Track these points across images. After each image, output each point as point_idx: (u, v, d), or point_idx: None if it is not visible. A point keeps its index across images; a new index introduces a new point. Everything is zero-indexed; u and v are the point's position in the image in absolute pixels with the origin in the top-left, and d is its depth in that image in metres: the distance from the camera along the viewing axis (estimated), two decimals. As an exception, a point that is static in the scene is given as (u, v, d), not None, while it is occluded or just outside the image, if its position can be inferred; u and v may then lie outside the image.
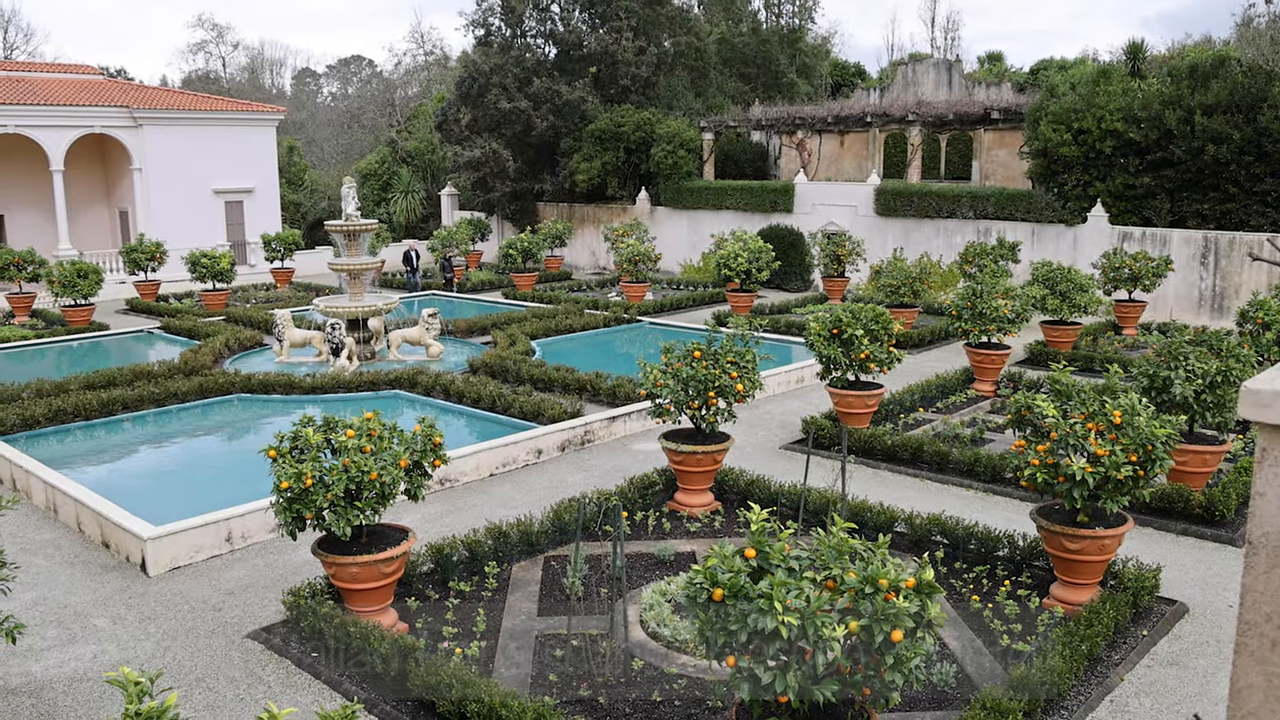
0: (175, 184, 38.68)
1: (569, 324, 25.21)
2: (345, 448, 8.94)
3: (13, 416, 16.38)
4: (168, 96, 41.29)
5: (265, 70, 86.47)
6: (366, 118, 69.79)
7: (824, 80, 51.53)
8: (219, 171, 39.98)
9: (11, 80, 38.55)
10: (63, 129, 36.50)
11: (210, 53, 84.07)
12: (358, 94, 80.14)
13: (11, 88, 37.23)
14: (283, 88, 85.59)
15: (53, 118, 36.19)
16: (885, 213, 32.64)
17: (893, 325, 15.61)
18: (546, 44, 43.52)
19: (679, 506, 12.61)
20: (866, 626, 5.92)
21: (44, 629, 9.84)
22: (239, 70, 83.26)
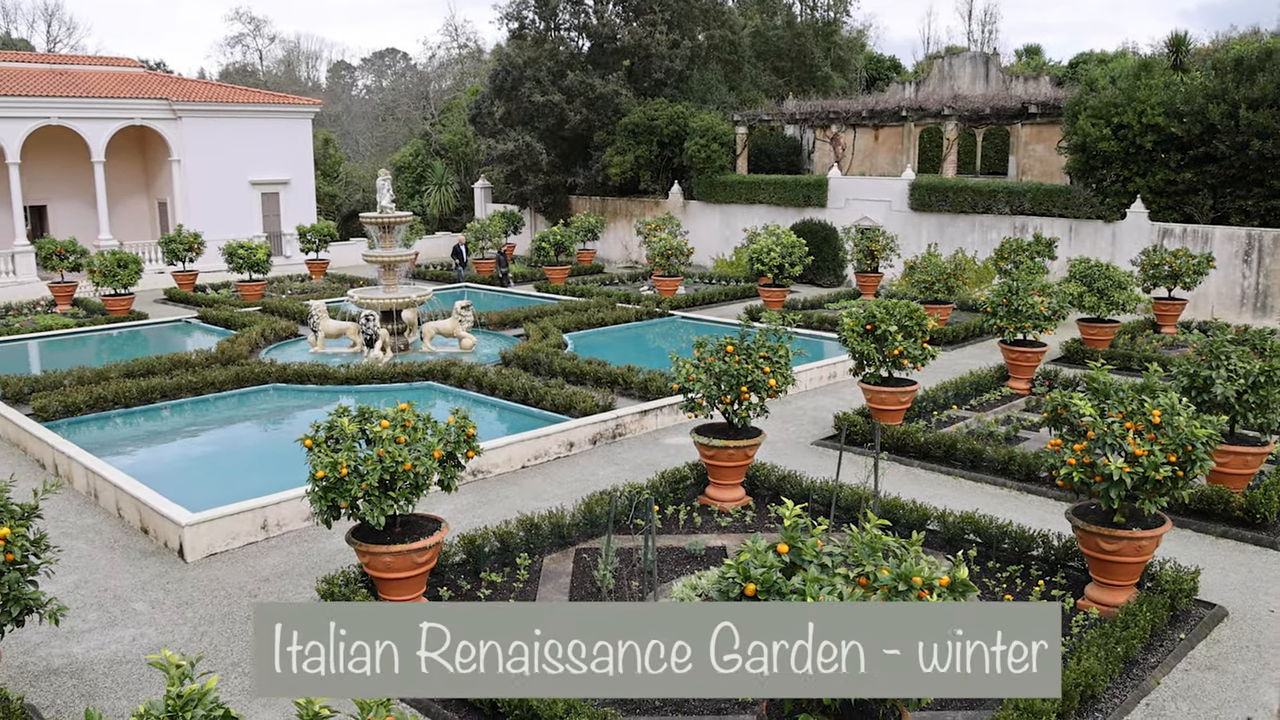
0: (213, 175, 39.05)
1: (601, 317, 25.24)
2: (380, 438, 9.02)
3: (55, 403, 16.64)
4: (206, 89, 41.69)
5: (301, 63, 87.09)
6: (401, 110, 70.18)
7: (859, 74, 51.22)
8: (255, 163, 40.33)
9: (54, 73, 39.06)
10: (104, 121, 36.95)
11: (247, 46, 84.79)
12: (392, 87, 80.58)
13: (54, 80, 37.72)
14: (318, 81, 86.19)
15: (94, 110, 36.64)
16: (920, 208, 32.42)
17: (927, 321, 15.51)
18: (580, 37, 43.52)
19: (710, 501, 12.61)
20: (899, 624, 5.90)
21: (85, 612, 10.01)
22: (275, 63, 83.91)
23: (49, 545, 7.48)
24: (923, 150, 42.55)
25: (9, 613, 7.13)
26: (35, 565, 7.33)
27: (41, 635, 9.49)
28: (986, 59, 42.48)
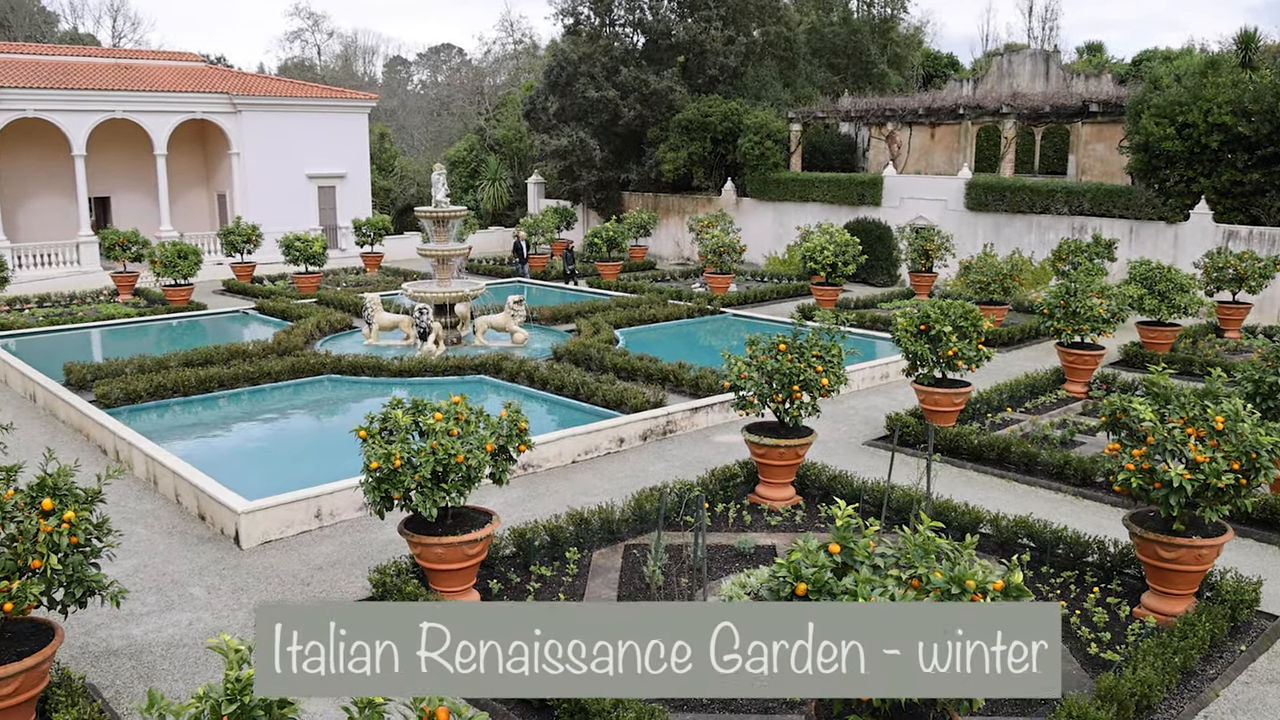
0: (271, 169, 39.63)
1: (652, 314, 25.25)
2: (433, 430, 9.09)
3: (116, 391, 17.00)
4: (265, 84, 42.30)
5: (358, 58, 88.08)
6: (455, 105, 70.71)
7: (915, 71, 50.70)
8: (313, 157, 40.86)
9: (119, 68, 39.87)
10: (166, 114, 37.64)
11: (306, 41, 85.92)
12: (447, 82, 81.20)
13: (119, 75, 38.50)
14: (374, 75, 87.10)
15: (157, 104, 37.34)
16: (976, 207, 32.03)
17: (982, 322, 15.33)
18: (635, 33, 43.54)
19: (760, 499, 12.57)
20: (952, 628, 5.83)
21: (144, 595, 10.21)
22: (333, 58, 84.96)
23: (111, 529, 7.63)
24: (980, 149, 42.01)
25: (72, 594, 7.29)
26: (98, 549, 7.49)
27: (102, 617, 9.71)
28: (1047, 56, 41.82)
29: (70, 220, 37.56)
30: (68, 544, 7.17)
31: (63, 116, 35.35)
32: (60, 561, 7.15)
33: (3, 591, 6.87)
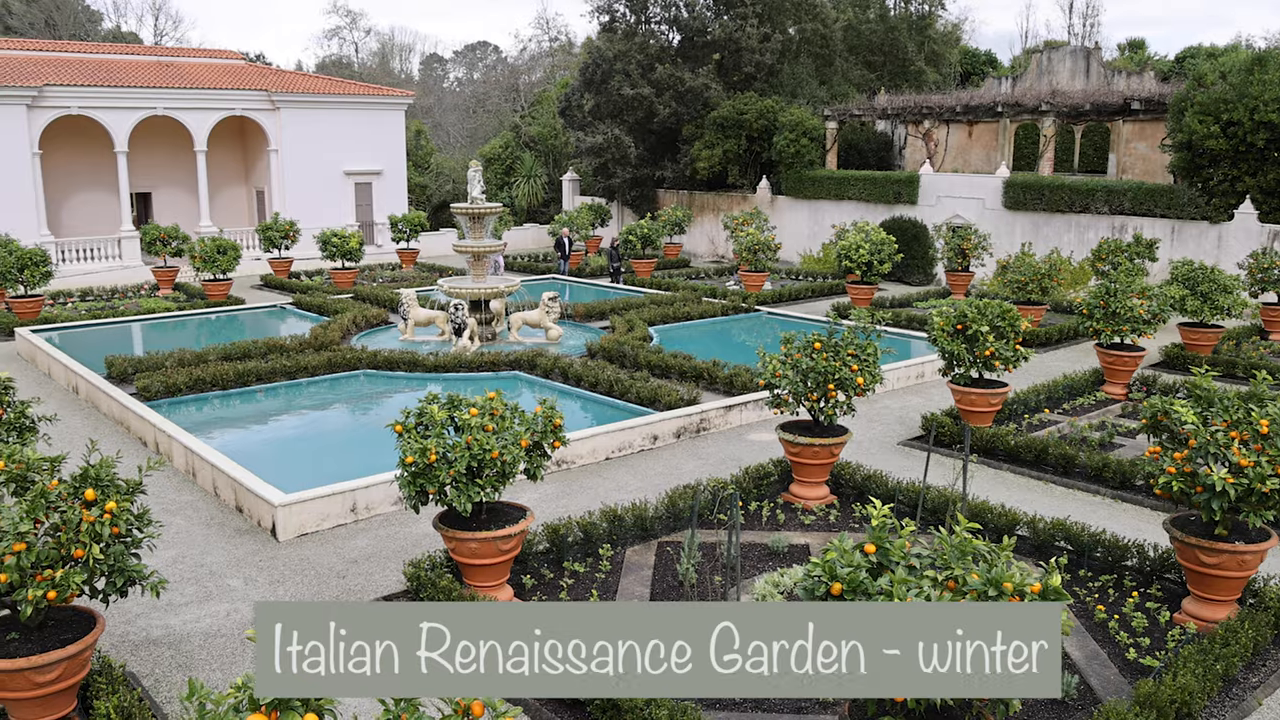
0: (309, 165, 39.95)
1: (687, 311, 25.23)
2: (468, 425, 9.13)
3: (157, 384, 17.21)
4: (303, 81, 42.64)
5: (395, 56, 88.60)
6: (491, 103, 70.97)
7: (953, 69, 50.29)
8: (350, 154, 41.14)
9: (161, 65, 40.33)
10: (206, 111, 38.04)
11: (343, 38, 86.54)
12: (483, 79, 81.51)
13: (161, 72, 38.95)
14: (411, 73, 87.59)
15: (197, 101, 37.75)
16: (1014, 206, 31.73)
17: (1020, 322, 15.18)
18: (670, 30, 43.50)
19: (794, 498, 12.53)
20: (989, 630, 5.78)
21: (183, 586, 10.34)
22: (370, 56, 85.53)
23: (151, 520, 7.72)
24: (1018, 147, 41.64)
25: (114, 583, 7.39)
26: (138, 539, 7.58)
27: (142, 606, 9.83)
28: (1087, 53, 41.35)
29: (112, 215, 38.06)
30: (109, 534, 7.27)
31: (106, 114, 35.82)
32: (102, 551, 7.25)
33: (46, 579, 6.98)
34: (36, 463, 7.83)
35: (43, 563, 6.99)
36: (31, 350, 21.75)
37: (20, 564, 6.87)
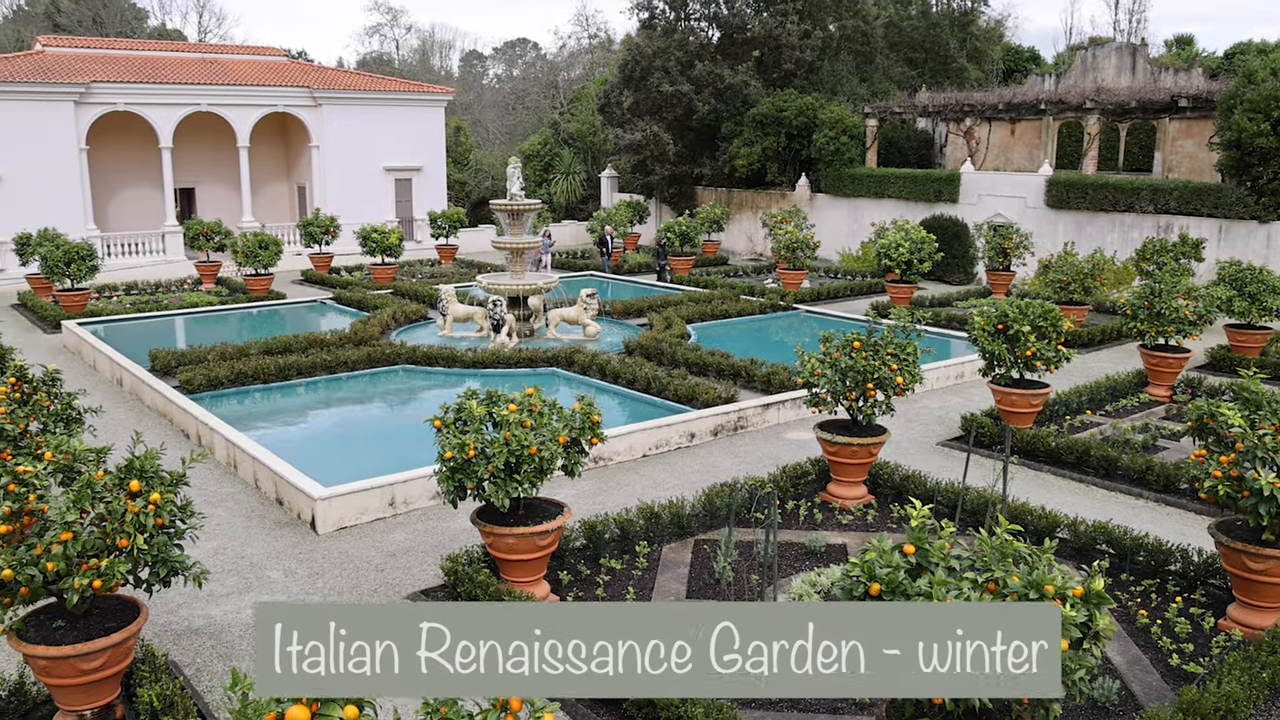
0: (349, 161, 40.28)
1: (725, 309, 25.18)
2: (507, 421, 9.16)
3: (199, 377, 17.43)
4: (345, 77, 42.99)
5: (435, 52, 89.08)
6: (530, 99, 71.16)
7: (995, 66, 49.77)
8: (390, 150, 41.43)
9: (205, 62, 40.82)
10: (249, 108, 38.45)
11: (384, 35, 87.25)
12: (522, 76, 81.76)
13: (205, 69, 39.43)
14: (451, 69, 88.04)
15: (240, 97, 38.17)
16: (1056, 205, 31.36)
17: (1062, 322, 15.00)
18: (710, 27, 43.40)
19: (831, 498, 12.46)
20: (1030, 633, 5.72)
21: (224, 577, 10.46)
22: (410, 52, 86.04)
23: (194, 512, 7.82)
24: (1061, 145, 41.14)
25: (157, 573, 7.49)
26: (181, 530, 7.67)
27: (184, 596, 9.97)
28: (1133, 50, 40.79)
29: (157, 211, 38.59)
30: (153, 525, 7.36)
31: (151, 110, 36.31)
32: (146, 541, 7.35)
33: (92, 568, 7.08)
34: (83, 454, 7.94)
35: (89, 552, 7.10)
36: (78, 343, 22.11)
37: (67, 553, 6.98)
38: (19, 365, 10.75)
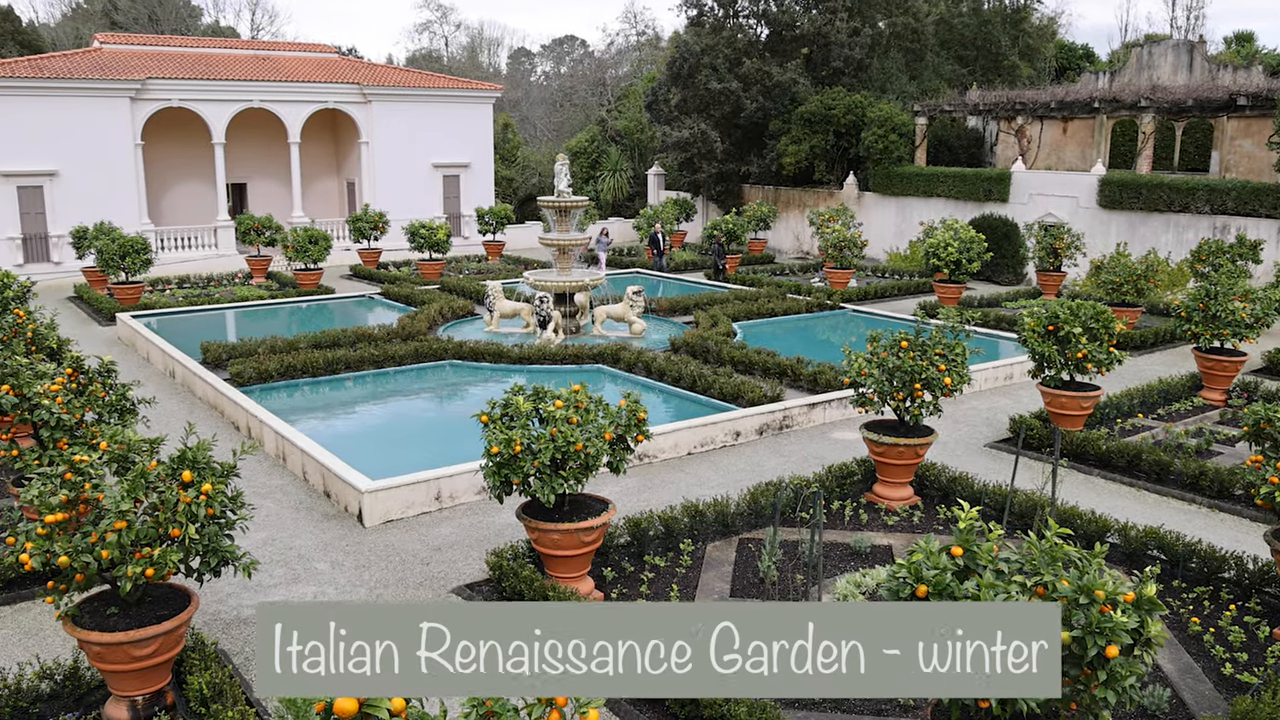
0: (398, 157, 40.63)
1: (771, 307, 25.08)
2: (553, 417, 9.19)
3: (250, 370, 17.68)
4: (394, 74, 43.35)
5: (483, 49, 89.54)
6: (578, 97, 71.31)
7: (1048, 63, 49.06)
8: (438, 146, 41.73)
9: (257, 59, 41.35)
10: (300, 104, 38.91)
11: (434, 32, 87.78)
12: (570, 73, 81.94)
13: (257, 66, 39.94)
14: (499, 66, 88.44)
15: (292, 93, 38.63)
16: (1109, 205, 30.88)
17: (1114, 324, 14.77)
18: (759, 24, 43.21)
19: (877, 498, 12.38)
20: (1079, 638, 5.65)
21: (272, 567, 10.60)
22: (459, 49, 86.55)
23: (244, 503, 7.92)
24: (1115, 145, 40.47)
25: (208, 563, 7.61)
26: (232, 521, 7.79)
27: (233, 586, 10.11)
28: (1190, 47, 40.04)
29: (209, 205, 39.17)
30: (205, 515, 7.48)
31: (205, 106, 36.86)
32: (198, 531, 7.46)
33: (145, 557, 7.21)
34: (137, 444, 8.09)
35: (142, 541, 7.22)
36: (131, 335, 22.50)
37: (121, 541, 7.11)
38: (75, 356, 10.97)
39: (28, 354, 13.31)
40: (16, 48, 55.51)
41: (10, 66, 33.99)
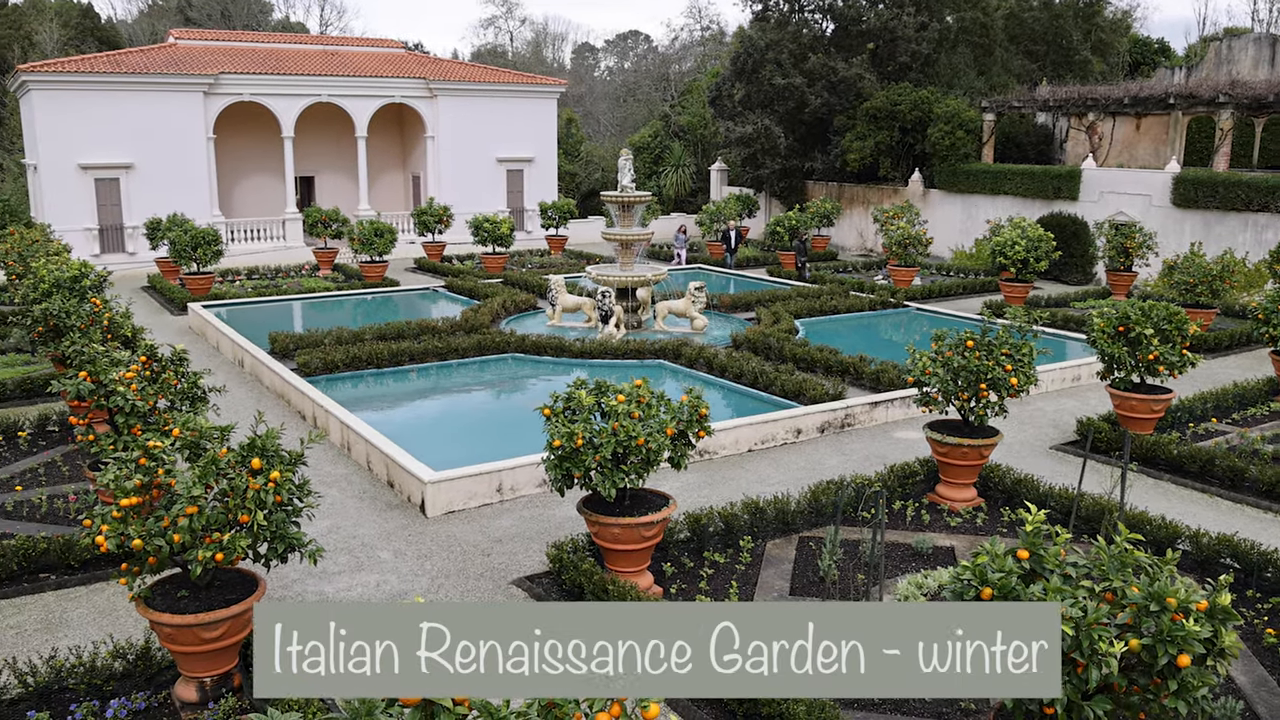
0: (463, 152, 40.99)
1: (833, 305, 24.89)
2: (615, 412, 9.21)
3: (316, 360, 17.96)
4: (459, 69, 43.72)
5: (548, 45, 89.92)
6: (641, 92, 71.32)
7: (1121, 58, 48.00)
8: (502, 141, 42.02)
9: (326, 54, 41.97)
10: (368, 99, 39.42)
11: (499, 27, 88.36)
12: (634, 68, 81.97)
13: (325, 61, 40.53)
14: (563, 62, 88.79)
15: (359, 88, 39.15)
16: (1183, 204, 30.15)
17: (1187, 326, 14.42)
18: (824, 19, 42.86)
19: (939, 499, 12.23)
20: (1149, 647, 5.53)
21: (336, 555, 10.77)
22: (524, 45, 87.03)
23: (310, 491, 8.05)
24: (1190, 142, 39.50)
25: (275, 549, 7.75)
26: (299, 508, 7.92)
27: (298, 573, 10.28)
28: (1273, 41, 38.93)
29: (278, 198, 39.87)
30: (273, 502, 7.61)
31: (275, 100, 37.49)
32: (265, 518, 7.60)
33: (214, 542, 7.36)
34: (208, 431, 8.26)
35: (212, 526, 7.38)
36: (202, 324, 22.99)
37: (192, 526, 7.27)
38: (149, 345, 11.22)
39: (104, 342, 13.67)
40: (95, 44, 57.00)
41: (90, 62, 34.90)
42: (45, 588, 9.97)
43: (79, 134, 33.62)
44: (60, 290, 15.64)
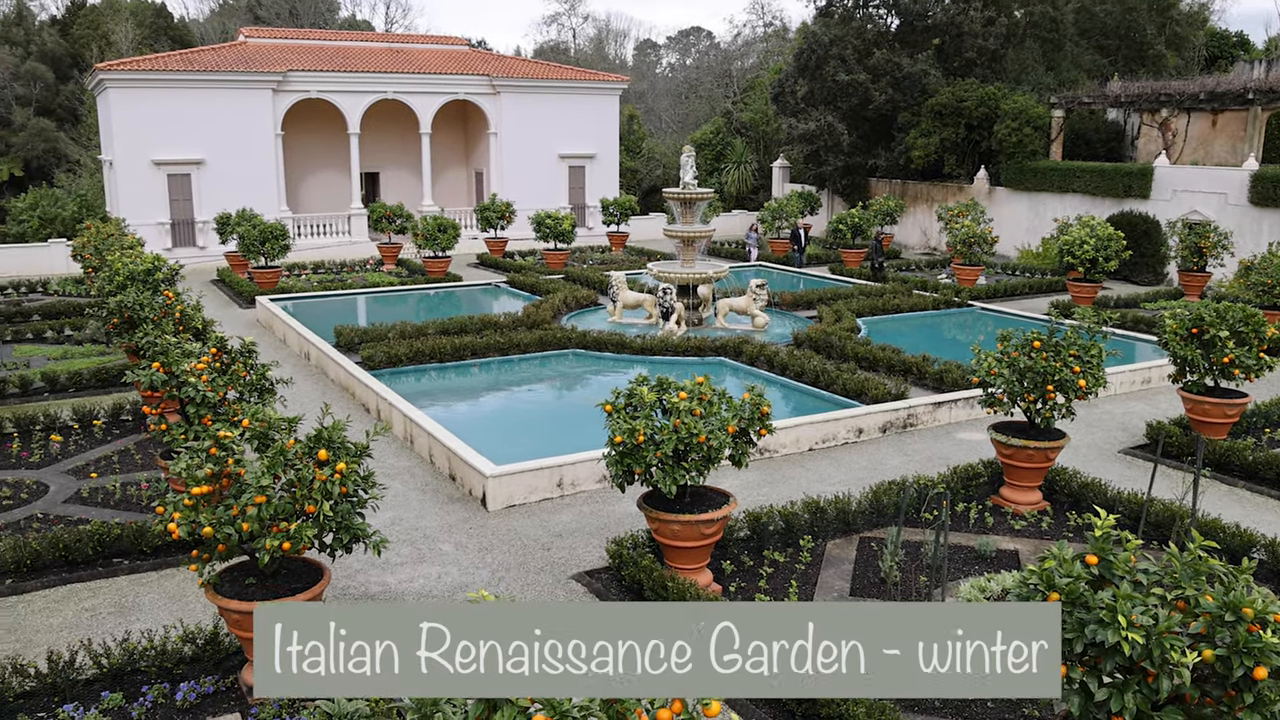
0: (525, 148, 41.23)
1: (896, 303, 24.63)
2: (676, 409, 9.21)
3: (380, 354, 18.19)
4: (522, 66, 43.96)
5: (610, 41, 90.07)
6: (703, 88, 71.14)
7: (1197, 52, 46.79)
8: (564, 137, 42.19)
9: (391, 51, 42.45)
10: (432, 95, 39.81)
11: (562, 25, 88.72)
12: (695, 65, 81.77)
13: (391, 58, 41.01)
14: (625, 58, 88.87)
15: (424, 85, 39.55)
16: (1261, 202, 29.33)
17: (1265, 328, 14.04)
18: (889, 15, 42.38)
19: (1003, 502, 12.05)
20: (1224, 658, 5.39)
21: (399, 547, 10.90)
22: (586, 41, 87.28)
23: (375, 483, 8.16)
24: (1269, 138, 38.39)
25: (340, 539, 7.86)
26: (363, 500, 8.03)
27: (362, 563, 10.43)
28: (1355, 37, 37.67)
29: (343, 193, 40.44)
30: (338, 493, 7.73)
31: (341, 97, 38.03)
32: (331, 508, 7.72)
33: (282, 531, 7.49)
34: (276, 422, 8.40)
35: (279, 515, 7.51)
36: (269, 317, 23.40)
37: (260, 515, 7.41)
38: (219, 337, 11.45)
39: (176, 334, 13.98)
40: (168, 43, 58.28)
41: (163, 60, 35.69)
42: (119, 572, 10.23)
43: (152, 130, 34.41)
44: (134, 283, 16.03)
